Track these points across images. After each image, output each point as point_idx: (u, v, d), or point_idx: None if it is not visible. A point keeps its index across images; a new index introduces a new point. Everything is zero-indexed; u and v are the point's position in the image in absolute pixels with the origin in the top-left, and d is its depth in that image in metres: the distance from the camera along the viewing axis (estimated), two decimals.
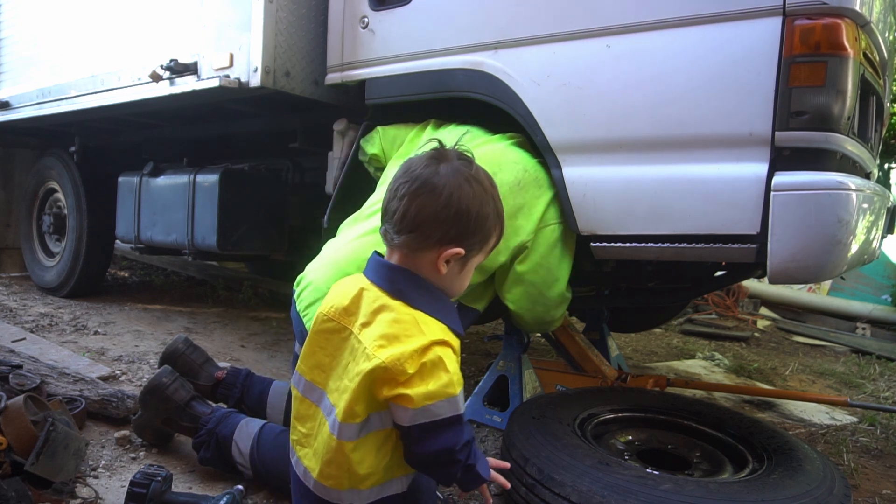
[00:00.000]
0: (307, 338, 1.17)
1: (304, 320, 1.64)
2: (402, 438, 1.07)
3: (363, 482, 1.08)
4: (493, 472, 1.18)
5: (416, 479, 1.16)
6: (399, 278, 1.09)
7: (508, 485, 1.23)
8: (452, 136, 2.05)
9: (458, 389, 1.04)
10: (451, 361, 1.04)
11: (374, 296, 1.09)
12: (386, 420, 1.07)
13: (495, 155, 1.90)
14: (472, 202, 1.07)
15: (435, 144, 1.16)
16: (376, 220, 1.67)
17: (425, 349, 1.02)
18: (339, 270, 1.64)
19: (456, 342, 1.09)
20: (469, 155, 1.13)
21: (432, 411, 1.01)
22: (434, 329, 1.06)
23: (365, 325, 1.07)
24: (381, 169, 2.30)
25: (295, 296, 1.82)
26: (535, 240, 1.87)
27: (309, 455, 1.13)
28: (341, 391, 1.07)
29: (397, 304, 1.07)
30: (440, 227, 1.06)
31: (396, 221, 1.08)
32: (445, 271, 1.10)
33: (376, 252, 1.17)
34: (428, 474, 1.14)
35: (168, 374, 1.97)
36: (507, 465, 1.25)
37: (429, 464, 1.08)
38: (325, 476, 1.09)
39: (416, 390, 1.00)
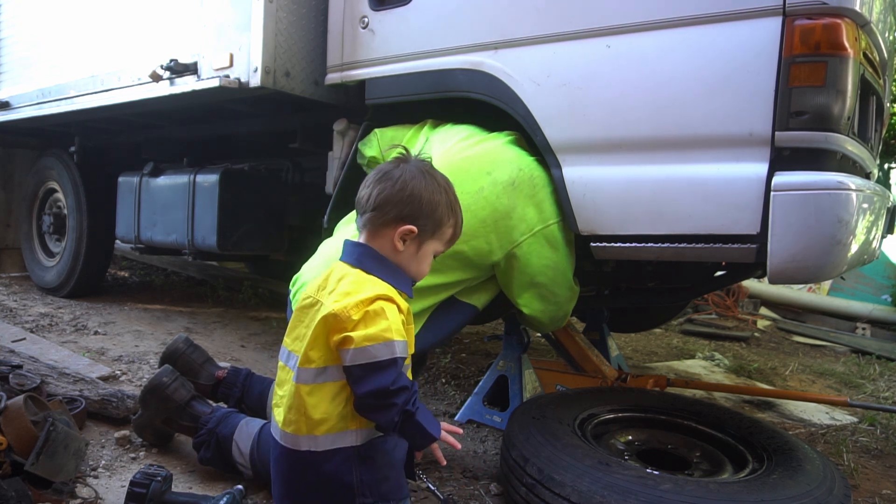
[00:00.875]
0: (293, 314, 1.33)
1: None
2: (348, 381, 1.21)
3: (318, 427, 1.21)
4: (443, 433, 1.28)
5: (374, 441, 1.26)
6: (360, 252, 1.30)
7: (458, 445, 1.32)
8: (449, 135, 2.05)
9: (396, 337, 1.19)
10: (393, 314, 1.21)
11: (341, 269, 1.29)
12: (342, 373, 1.21)
13: (491, 154, 1.90)
14: (424, 189, 1.29)
15: (401, 151, 1.40)
16: None
17: (371, 301, 1.20)
18: None
19: (403, 304, 1.27)
20: (428, 159, 1.37)
21: (370, 352, 1.17)
22: (382, 287, 1.25)
23: (331, 292, 1.25)
24: None
25: (290, 295, 1.83)
26: (537, 241, 1.86)
27: (278, 411, 1.28)
28: (301, 339, 1.25)
29: (357, 272, 1.27)
30: (395, 207, 1.27)
31: (362, 205, 1.31)
32: (402, 248, 1.29)
33: (347, 239, 1.36)
34: (371, 418, 1.23)
35: (168, 373, 1.97)
36: (460, 430, 1.35)
37: (368, 406, 1.20)
38: (287, 423, 1.24)
39: (357, 333, 1.17)
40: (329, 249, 1.84)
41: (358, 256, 1.29)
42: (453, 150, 1.94)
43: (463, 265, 1.85)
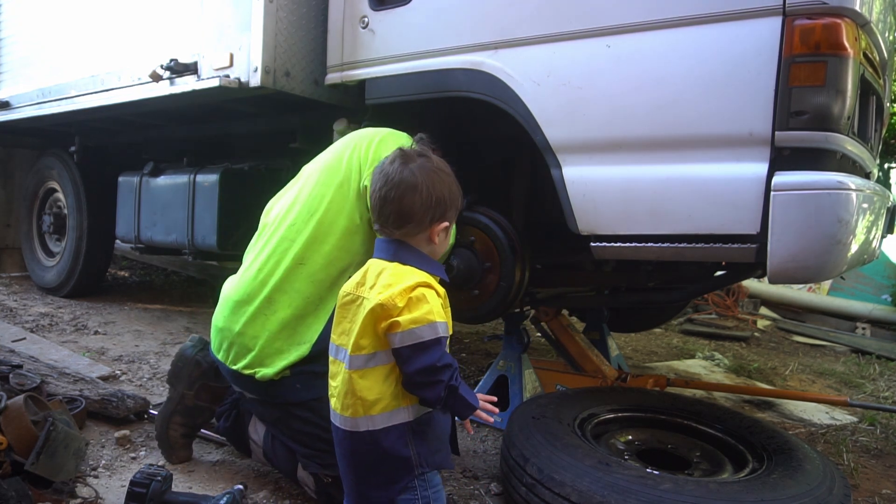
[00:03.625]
0: (335, 312, 1.44)
1: None
2: (398, 363, 1.31)
3: (374, 407, 1.31)
4: (482, 403, 1.38)
5: (425, 416, 1.36)
6: (393, 247, 1.39)
7: (495, 412, 1.42)
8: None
9: (439, 318, 1.30)
10: (434, 298, 1.32)
11: (378, 265, 1.38)
12: (391, 356, 1.31)
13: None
14: (444, 188, 1.38)
15: (403, 145, 1.51)
16: None
17: (412, 288, 1.30)
18: None
19: (441, 289, 1.37)
20: (425, 150, 1.43)
21: (416, 334, 1.27)
22: (421, 275, 1.35)
23: (371, 287, 1.35)
24: None
25: (262, 216, 1.92)
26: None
27: (335, 400, 1.38)
28: (350, 333, 1.34)
29: (393, 265, 1.36)
30: (428, 213, 1.36)
31: (394, 220, 1.37)
32: (438, 241, 1.41)
33: (377, 238, 1.45)
34: (419, 395, 1.33)
35: (197, 341, 2.07)
36: (494, 398, 1.45)
37: (418, 383, 1.30)
38: (344, 407, 1.34)
39: (403, 317, 1.27)
40: (262, 239, 1.87)
41: (394, 251, 1.38)
42: None
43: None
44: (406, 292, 1.29)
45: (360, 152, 1.81)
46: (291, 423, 1.76)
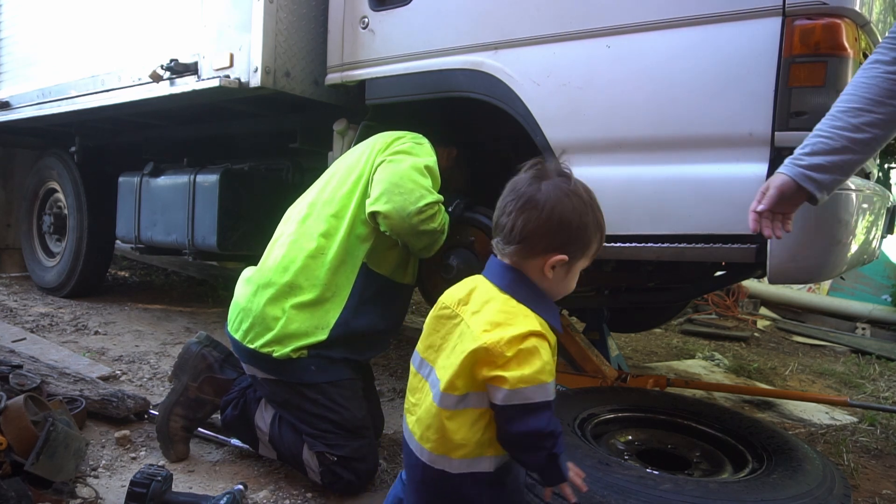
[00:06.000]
0: (427, 321, 1.33)
1: None
2: (497, 418, 1.18)
3: (456, 451, 1.20)
4: (571, 475, 1.25)
5: (506, 465, 1.25)
6: (509, 276, 1.24)
7: (582, 490, 1.26)
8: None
9: (550, 379, 1.15)
10: (546, 353, 1.16)
11: (487, 289, 1.25)
12: (483, 400, 1.18)
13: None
14: (573, 214, 1.20)
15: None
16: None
17: (524, 337, 1.14)
18: None
19: (553, 339, 1.22)
20: (568, 171, 1.26)
21: (524, 394, 1.12)
22: (534, 322, 1.18)
23: (475, 312, 1.21)
24: None
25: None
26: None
27: (413, 421, 1.28)
28: (447, 368, 1.21)
29: (505, 297, 1.21)
30: (545, 238, 1.20)
31: (506, 234, 1.23)
32: (552, 276, 1.24)
33: (493, 255, 1.32)
34: (517, 456, 1.23)
35: (203, 338, 2.11)
36: (583, 474, 1.29)
37: (518, 445, 1.19)
38: (424, 439, 1.23)
39: (511, 373, 1.12)
40: (285, 231, 1.99)
41: (509, 282, 1.23)
42: None
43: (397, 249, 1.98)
44: (516, 341, 1.13)
45: (376, 150, 1.95)
46: (302, 403, 1.85)
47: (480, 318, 1.19)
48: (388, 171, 1.87)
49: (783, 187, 1.40)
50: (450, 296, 1.29)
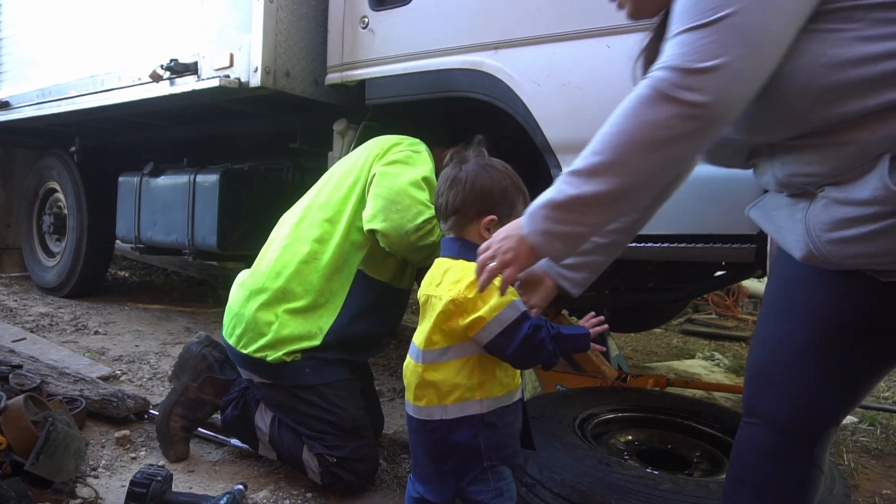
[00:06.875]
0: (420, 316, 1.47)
1: None
2: (495, 352, 1.34)
3: (447, 397, 1.35)
4: (591, 330, 1.41)
5: (496, 411, 1.38)
6: (457, 245, 1.44)
7: (605, 328, 1.44)
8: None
9: (514, 296, 1.33)
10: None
11: (444, 264, 1.43)
12: (464, 349, 1.35)
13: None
14: (491, 181, 1.43)
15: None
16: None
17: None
18: None
19: (499, 280, 1.35)
20: (483, 153, 1.49)
21: (501, 319, 1.30)
22: None
23: (438, 284, 1.40)
24: None
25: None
26: None
27: (408, 393, 1.43)
28: (422, 332, 1.39)
29: (459, 262, 1.40)
30: (473, 205, 1.41)
31: (442, 211, 1.46)
32: (489, 236, 1.35)
33: (444, 238, 1.51)
34: (532, 366, 1.39)
35: (203, 338, 2.12)
36: (601, 317, 1.46)
37: (524, 357, 1.34)
38: (417, 398, 1.39)
39: (482, 311, 1.30)
40: (279, 236, 2.00)
41: (458, 249, 1.43)
42: None
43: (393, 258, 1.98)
44: (474, 284, 1.29)
45: (373, 156, 1.95)
46: (298, 406, 1.85)
47: (444, 285, 1.37)
48: (385, 187, 1.86)
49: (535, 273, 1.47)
50: (424, 285, 1.46)
